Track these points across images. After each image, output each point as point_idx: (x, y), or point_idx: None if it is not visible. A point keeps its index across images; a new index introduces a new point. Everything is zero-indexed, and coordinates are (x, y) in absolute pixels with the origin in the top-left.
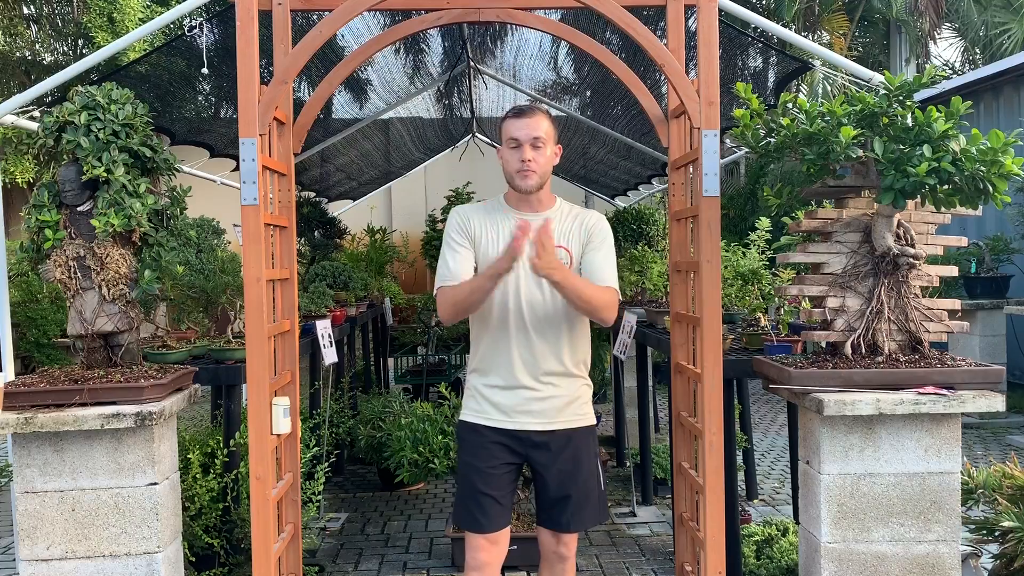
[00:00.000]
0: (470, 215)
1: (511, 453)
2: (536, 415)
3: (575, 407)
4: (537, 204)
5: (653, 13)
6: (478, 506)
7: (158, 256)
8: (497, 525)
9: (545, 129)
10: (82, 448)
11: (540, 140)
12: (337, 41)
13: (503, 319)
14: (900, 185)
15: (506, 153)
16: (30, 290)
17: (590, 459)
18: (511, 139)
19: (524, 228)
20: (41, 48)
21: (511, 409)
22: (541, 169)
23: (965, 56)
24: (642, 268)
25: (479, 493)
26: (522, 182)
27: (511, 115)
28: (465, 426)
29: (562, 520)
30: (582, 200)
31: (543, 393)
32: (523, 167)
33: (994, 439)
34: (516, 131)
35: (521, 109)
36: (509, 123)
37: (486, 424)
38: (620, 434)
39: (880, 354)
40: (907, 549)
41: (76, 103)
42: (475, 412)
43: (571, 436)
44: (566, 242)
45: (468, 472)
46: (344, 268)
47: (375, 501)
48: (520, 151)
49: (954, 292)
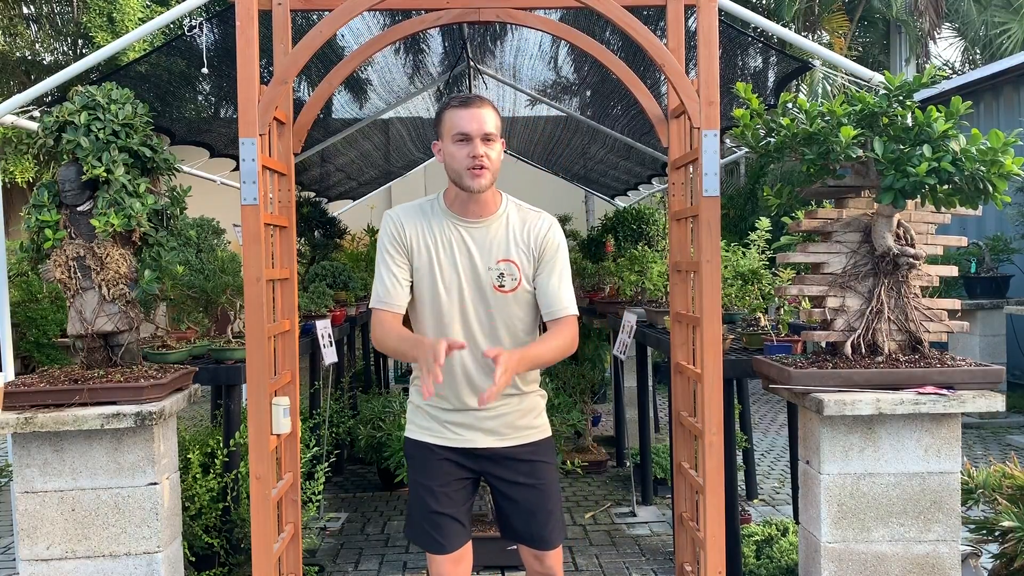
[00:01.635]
0: (404, 222)
1: (463, 469)
2: (488, 432)
3: (528, 420)
4: (482, 208)
5: (653, 13)
6: (436, 527)
7: (158, 256)
8: (457, 544)
9: (495, 123)
10: (82, 448)
11: (491, 135)
12: (337, 41)
13: (456, 332)
14: (900, 185)
15: (451, 148)
16: (30, 290)
17: (551, 473)
18: (459, 133)
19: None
20: (41, 48)
21: (461, 427)
22: (494, 167)
23: (965, 56)
24: (642, 268)
25: (434, 514)
26: (473, 182)
27: (456, 104)
28: (412, 444)
29: (538, 538)
30: (582, 200)
31: (493, 412)
32: (474, 163)
33: (994, 439)
34: (465, 124)
35: (467, 98)
36: (455, 113)
37: (434, 443)
38: (620, 434)
39: (880, 354)
40: (907, 549)
41: (76, 103)
42: (423, 429)
43: (530, 450)
44: (515, 254)
45: (420, 492)
46: (344, 268)
47: (375, 501)
48: (470, 146)
49: (954, 292)
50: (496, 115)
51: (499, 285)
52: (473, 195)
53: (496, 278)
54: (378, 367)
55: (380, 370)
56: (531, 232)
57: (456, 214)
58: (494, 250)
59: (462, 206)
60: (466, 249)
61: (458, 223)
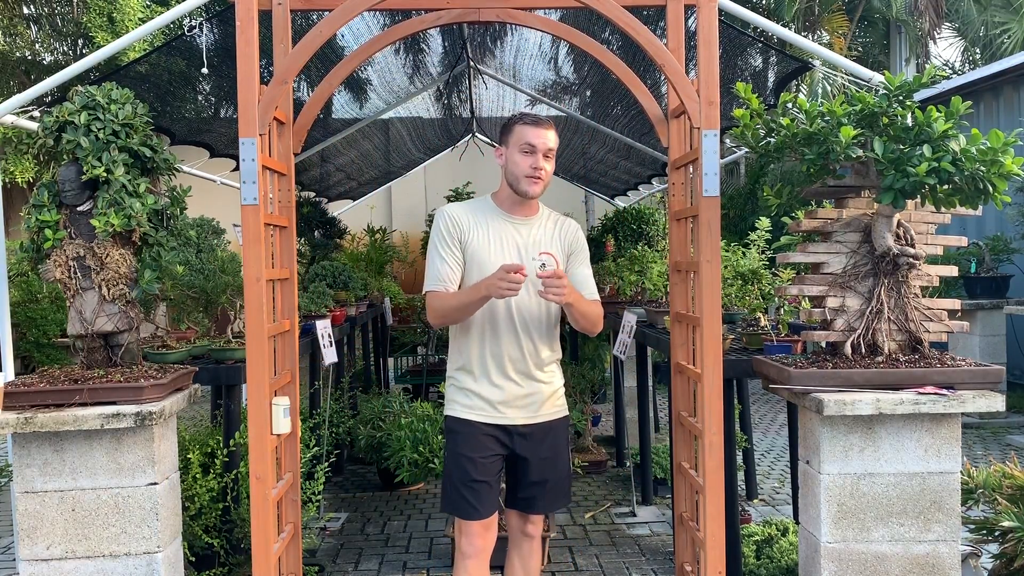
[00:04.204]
0: (459, 215)
1: (500, 444)
2: (523, 409)
3: (554, 399)
4: (529, 210)
5: (653, 13)
6: (473, 493)
7: (158, 256)
8: (489, 509)
9: (555, 142)
10: (82, 448)
11: (551, 152)
12: (337, 41)
13: (495, 322)
14: (900, 185)
15: (516, 155)
16: (30, 290)
17: (566, 448)
18: (527, 143)
19: (520, 270)
20: (41, 48)
21: (501, 404)
22: (546, 179)
23: (965, 56)
24: (642, 268)
25: (473, 481)
26: (530, 187)
27: (528, 122)
28: (455, 420)
29: (536, 504)
30: (582, 200)
31: (529, 389)
32: (535, 173)
33: (994, 439)
34: (534, 138)
35: (538, 119)
36: (526, 129)
37: (478, 420)
38: (620, 434)
39: (880, 354)
40: (907, 549)
41: (76, 103)
42: (467, 408)
43: (551, 427)
44: (553, 248)
45: (461, 463)
46: (344, 268)
47: (375, 501)
48: (534, 157)
49: (954, 292)
50: (557, 138)
51: (540, 271)
52: (525, 199)
53: (539, 266)
54: (378, 367)
55: (380, 370)
56: (564, 232)
57: (506, 212)
58: (537, 244)
59: (512, 206)
60: (513, 241)
61: (508, 219)
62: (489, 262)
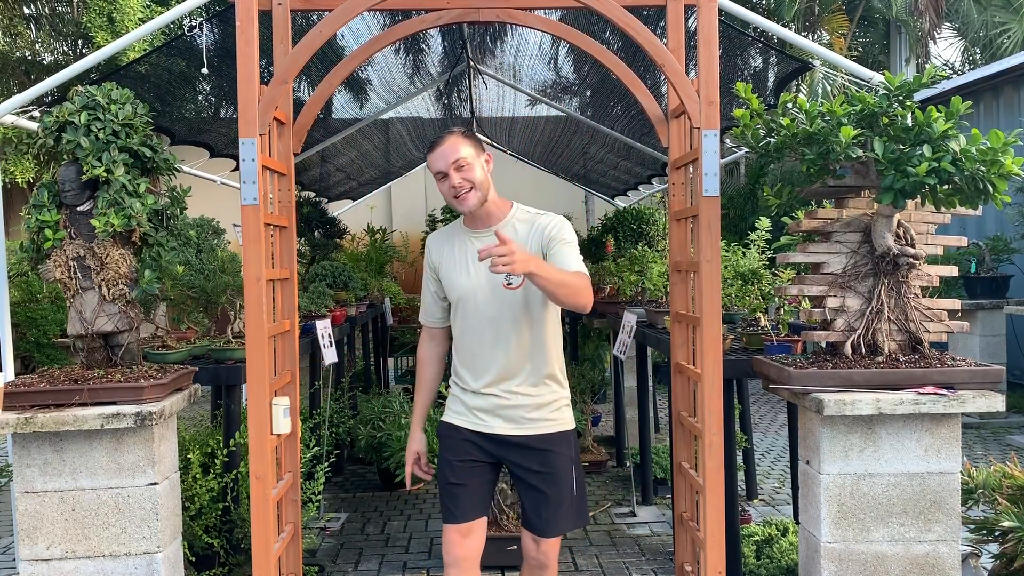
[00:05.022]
0: (432, 246)
1: (482, 452)
2: (505, 419)
3: (542, 413)
4: (489, 218)
5: (653, 13)
6: (450, 496)
7: (158, 256)
8: (467, 514)
9: (463, 149)
10: (82, 448)
11: (461, 160)
12: (337, 41)
13: (475, 330)
14: (900, 185)
15: (439, 185)
16: (30, 290)
17: (564, 464)
18: (436, 172)
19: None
20: (41, 48)
21: (483, 413)
22: (478, 182)
23: (965, 56)
24: (642, 268)
25: (449, 484)
26: (461, 206)
27: (431, 149)
28: (444, 425)
29: (538, 523)
30: (582, 200)
31: (509, 401)
32: (455, 193)
33: (994, 439)
34: (436, 163)
35: (435, 140)
36: (429, 158)
37: (462, 425)
38: (620, 434)
39: (880, 354)
40: (907, 549)
41: (76, 103)
42: (454, 413)
43: (544, 440)
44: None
45: (442, 467)
46: (344, 268)
47: (375, 501)
48: (447, 180)
49: (954, 292)
50: (465, 139)
51: (507, 283)
52: (474, 214)
53: (504, 277)
54: (378, 367)
55: (380, 370)
56: (538, 230)
57: (469, 228)
58: None
59: (472, 221)
60: (474, 255)
61: (470, 235)
62: (455, 284)
